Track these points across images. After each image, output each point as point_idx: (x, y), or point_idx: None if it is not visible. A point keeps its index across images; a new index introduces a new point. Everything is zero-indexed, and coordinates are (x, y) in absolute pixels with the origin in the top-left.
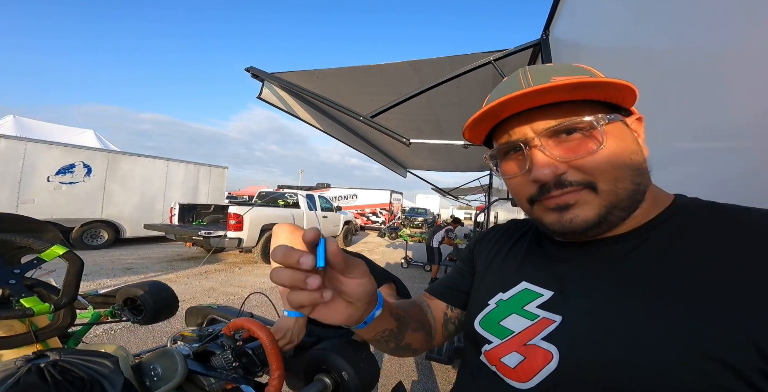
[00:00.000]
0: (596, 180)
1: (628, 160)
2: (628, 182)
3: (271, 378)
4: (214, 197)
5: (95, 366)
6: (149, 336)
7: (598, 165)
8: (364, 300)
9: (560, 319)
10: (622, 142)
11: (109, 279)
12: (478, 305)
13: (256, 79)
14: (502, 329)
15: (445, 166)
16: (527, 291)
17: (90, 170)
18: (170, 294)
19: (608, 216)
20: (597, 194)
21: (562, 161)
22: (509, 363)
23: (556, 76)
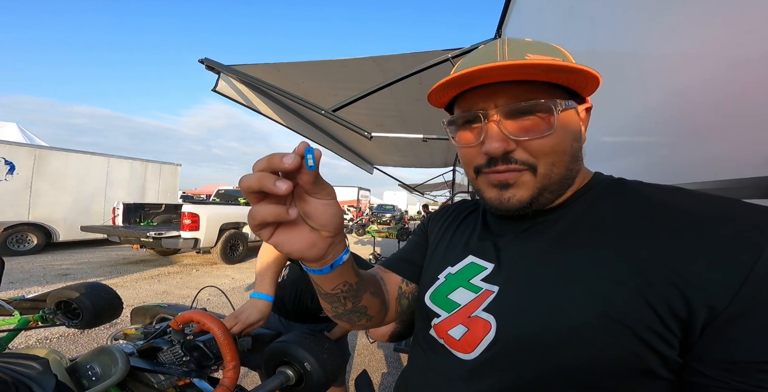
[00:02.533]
0: (538, 163)
1: (568, 147)
2: (563, 167)
3: (225, 369)
4: (165, 196)
5: (21, 369)
6: (93, 343)
7: (543, 149)
8: (330, 228)
9: (497, 290)
10: (568, 129)
11: (40, 286)
12: (429, 279)
13: (212, 72)
14: (449, 302)
15: (411, 162)
16: (473, 265)
17: (13, 168)
18: (111, 294)
19: (539, 198)
20: (534, 177)
21: (513, 138)
22: (455, 335)
23: (531, 54)
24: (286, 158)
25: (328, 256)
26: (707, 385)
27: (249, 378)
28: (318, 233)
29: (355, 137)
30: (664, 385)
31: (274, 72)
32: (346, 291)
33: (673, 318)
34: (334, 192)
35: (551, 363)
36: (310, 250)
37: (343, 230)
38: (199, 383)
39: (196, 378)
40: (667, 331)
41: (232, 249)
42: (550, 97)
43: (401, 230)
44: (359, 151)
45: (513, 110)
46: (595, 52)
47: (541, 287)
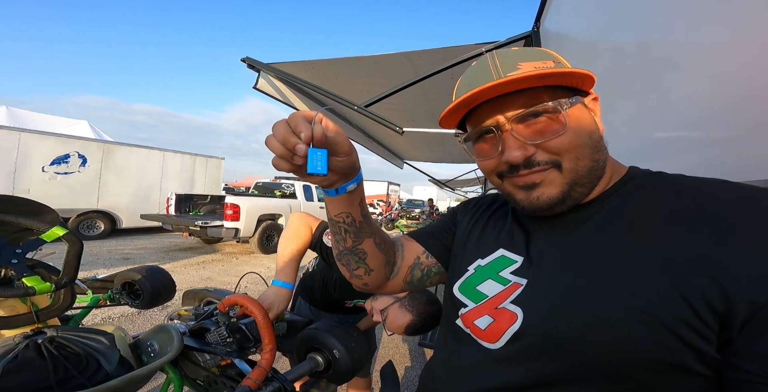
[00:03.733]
0: (562, 159)
1: (587, 139)
2: (588, 159)
3: (263, 351)
4: (211, 188)
5: (91, 343)
6: (147, 323)
7: (563, 145)
8: (339, 173)
9: (525, 283)
10: (582, 122)
11: (106, 269)
12: (459, 270)
13: (252, 70)
14: (477, 293)
15: (441, 157)
16: (503, 258)
17: (85, 161)
18: (167, 278)
19: (571, 193)
20: (561, 173)
21: (531, 143)
22: (480, 325)
23: (522, 62)
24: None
25: (338, 182)
26: (748, 381)
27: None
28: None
29: (385, 132)
30: (700, 381)
31: (308, 69)
32: (348, 224)
33: (710, 312)
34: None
35: (579, 355)
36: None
37: (356, 166)
38: (239, 363)
39: (237, 358)
40: (703, 325)
41: (268, 239)
42: (554, 98)
43: None
44: (390, 146)
45: (523, 116)
46: (645, 43)
47: (571, 280)
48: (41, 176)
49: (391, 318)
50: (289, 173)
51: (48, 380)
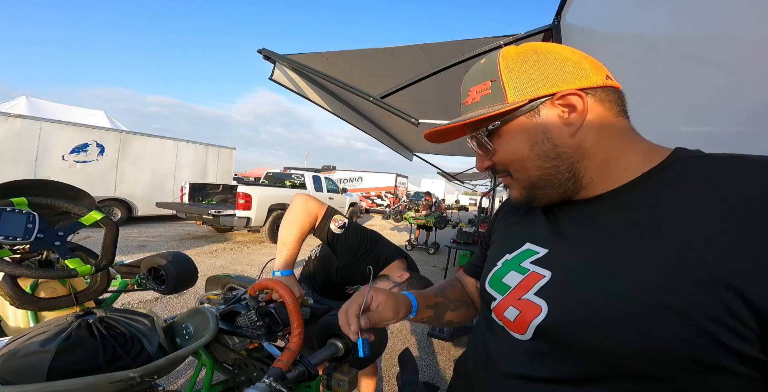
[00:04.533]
0: (509, 169)
1: (525, 152)
2: (532, 169)
3: (292, 334)
4: (223, 177)
5: (136, 324)
6: (165, 311)
7: (500, 162)
8: (388, 322)
9: (549, 275)
10: (514, 140)
11: (123, 256)
12: (489, 266)
13: (268, 61)
14: (503, 285)
15: (452, 150)
16: (528, 250)
17: (103, 150)
18: (191, 264)
19: (532, 194)
20: (513, 179)
21: (485, 158)
22: (509, 317)
23: (471, 87)
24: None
25: (401, 318)
26: None
27: None
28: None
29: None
30: (743, 382)
31: (323, 61)
32: (427, 320)
33: (748, 310)
34: (390, 316)
35: (605, 352)
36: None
37: (408, 311)
38: (268, 347)
39: (266, 342)
40: (740, 324)
41: (279, 229)
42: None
43: (439, 218)
44: (400, 138)
45: (471, 140)
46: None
47: (598, 273)
48: (61, 164)
49: None
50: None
51: (97, 359)
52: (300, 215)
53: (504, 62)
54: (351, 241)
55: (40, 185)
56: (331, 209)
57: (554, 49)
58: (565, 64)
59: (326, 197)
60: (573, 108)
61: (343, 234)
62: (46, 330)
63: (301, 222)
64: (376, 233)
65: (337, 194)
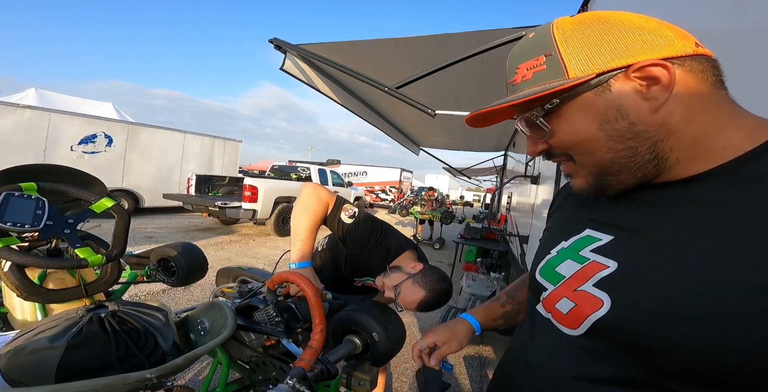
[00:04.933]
0: (571, 154)
1: (592, 133)
2: (602, 152)
3: (314, 332)
4: (229, 169)
5: (149, 318)
6: (172, 303)
7: (561, 145)
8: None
9: (615, 266)
10: (577, 119)
11: (130, 247)
12: (542, 254)
13: (279, 51)
14: (556, 275)
15: (459, 144)
16: (587, 237)
17: (111, 141)
18: (201, 255)
19: (602, 182)
20: (576, 165)
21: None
22: (562, 310)
23: (520, 65)
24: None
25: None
26: None
27: None
28: None
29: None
30: None
31: (335, 51)
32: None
33: None
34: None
35: (682, 352)
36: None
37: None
38: (287, 344)
39: (285, 339)
40: None
41: (284, 222)
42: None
43: (445, 213)
44: (408, 131)
45: (521, 122)
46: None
47: (678, 267)
48: (70, 154)
49: (404, 294)
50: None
51: (110, 356)
52: (312, 203)
53: (560, 34)
54: (361, 231)
55: (50, 170)
56: (341, 198)
57: (622, 16)
58: (641, 32)
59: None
60: (655, 80)
61: (353, 224)
62: (56, 324)
63: (313, 210)
64: (386, 223)
65: (343, 187)
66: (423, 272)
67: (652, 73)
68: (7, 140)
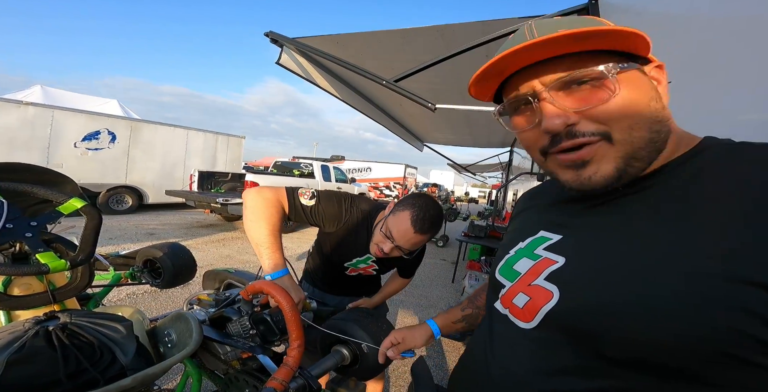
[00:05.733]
0: (611, 129)
1: (645, 107)
2: (645, 130)
3: (290, 348)
4: (232, 166)
5: (107, 331)
6: (169, 301)
7: (612, 113)
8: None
9: (563, 260)
10: (638, 89)
11: (132, 244)
12: (501, 255)
13: (275, 45)
14: (513, 272)
15: (465, 140)
16: (541, 237)
17: (114, 137)
18: (188, 256)
19: (627, 168)
20: (612, 145)
21: (573, 111)
22: (518, 304)
23: (563, 30)
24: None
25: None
26: None
27: None
28: None
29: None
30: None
31: (333, 44)
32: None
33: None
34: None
35: (623, 341)
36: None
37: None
38: (262, 359)
39: (260, 353)
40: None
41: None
42: (601, 63)
43: (449, 210)
44: (411, 127)
45: (562, 83)
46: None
47: (618, 258)
48: (73, 151)
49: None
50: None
51: (57, 373)
52: (260, 208)
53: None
54: (327, 205)
55: (12, 169)
56: (290, 188)
57: None
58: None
59: (335, 186)
60: (659, 81)
61: (316, 203)
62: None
63: (267, 214)
64: (351, 193)
65: (346, 183)
66: (396, 203)
67: (659, 74)
68: (12, 137)
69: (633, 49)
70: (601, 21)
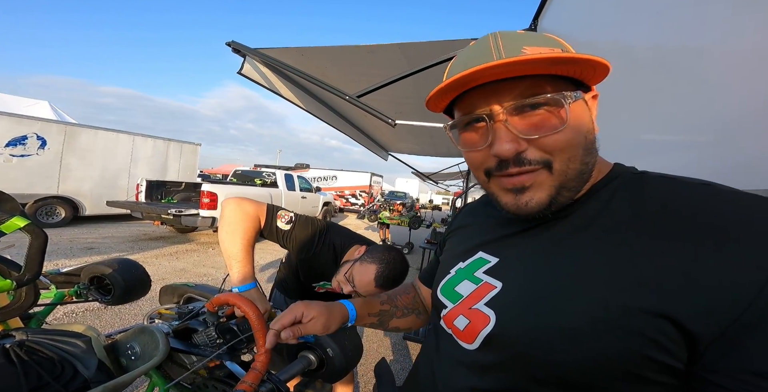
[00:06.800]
0: (553, 159)
1: (583, 139)
2: (579, 162)
3: (257, 354)
4: (186, 174)
5: (66, 346)
6: (116, 318)
7: (559, 144)
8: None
9: (500, 286)
10: (580, 120)
11: (68, 260)
12: (442, 274)
13: (238, 54)
14: (455, 293)
15: (427, 150)
16: (480, 259)
17: (45, 143)
18: (142, 272)
19: (558, 197)
20: (551, 174)
21: (524, 137)
22: (459, 326)
23: (528, 47)
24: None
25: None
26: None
27: None
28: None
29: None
30: (664, 390)
31: (298, 56)
32: (371, 326)
33: (678, 326)
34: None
35: (547, 362)
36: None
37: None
38: (230, 365)
39: (228, 360)
40: (670, 341)
41: None
42: (556, 89)
43: (413, 218)
44: (375, 137)
45: (520, 107)
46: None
47: (544, 286)
48: None
49: (358, 279)
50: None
51: (20, 388)
52: (238, 220)
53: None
54: (301, 234)
55: None
56: (272, 206)
57: None
58: None
59: (299, 195)
60: (592, 109)
61: (291, 228)
62: None
63: (243, 228)
64: (329, 222)
65: (311, 193)
66: (367, 250)
67: (592, 104)
68: None
69: (588, 78)
70: (561, 42)
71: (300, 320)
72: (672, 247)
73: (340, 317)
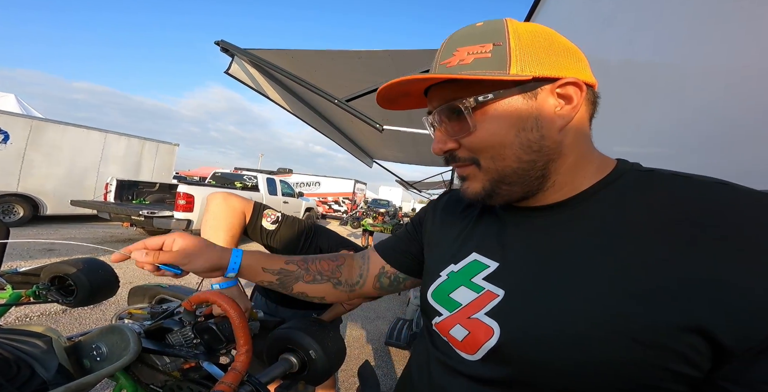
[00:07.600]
0: (479, 157)
1: (507, 139)
2: (510, 160)
3: (238, 353)
4: (161, 175)
5: (24, 346)
6: (75, 324)
7: (473, 145)
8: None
9: (503, 294)
10: (501, 122)
11: (24, 261)
12: (431, 276)
13: (226, 54)
14: (451, 301)
15: (411, 158)
16: (476, 263)
17: (7, 137)
18: (109, 272)
19: (496, 190)
20: (480, 170)
21: (453, 137)
22: (456, 336)
23: (460, 48)
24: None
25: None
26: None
27: None
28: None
29: (358, 129)
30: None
31: (287, 58)
32: (270, 285)
33: (709, 339)
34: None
35: (558, 374)
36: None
37: (197, 265)
38: (208, 366)
39: (205, 361)
40: (697, 353)
41: None
42: (476, 92)
43: (396, 226)
44: (361, 143)
45: (440, 111)
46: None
47: (552, 296)
48: None
49: None
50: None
51: None
52: (223, 216)
53: (513, 29)
54: (286, 235)
55: None
56: (260, 204)
57: (562, 37)
58: (574, 54)
59: (280, 200)
60: (569, 100)
61: (276, 229)
62: None
63: (227, 223)
64: (317, 224)
65: (293, 198)
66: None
67: (568, 92)
68: None
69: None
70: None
71: (170, 248)
72: (698, 256)
73: (215, 258)
